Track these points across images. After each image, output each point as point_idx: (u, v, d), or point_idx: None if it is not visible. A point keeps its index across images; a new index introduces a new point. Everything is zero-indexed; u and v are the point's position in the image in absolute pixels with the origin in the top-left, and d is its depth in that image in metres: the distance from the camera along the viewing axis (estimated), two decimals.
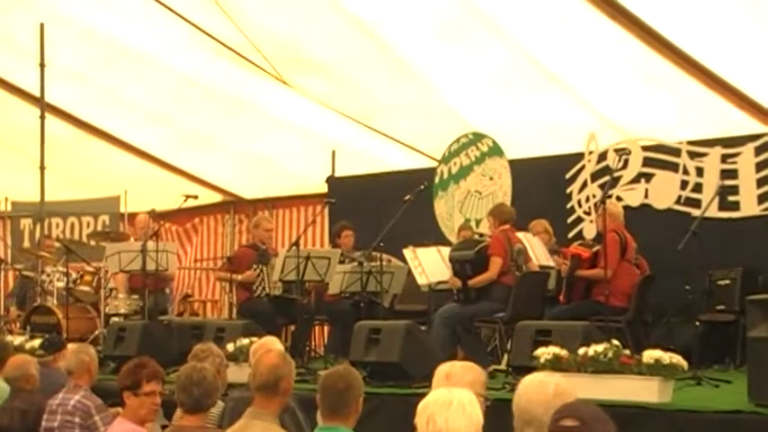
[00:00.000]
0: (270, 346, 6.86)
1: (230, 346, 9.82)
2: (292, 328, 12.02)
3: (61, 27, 13.45)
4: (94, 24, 13.36)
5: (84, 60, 14.15)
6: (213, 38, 12.95)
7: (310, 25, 12.32)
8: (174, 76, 13.98)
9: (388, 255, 11.41)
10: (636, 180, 12.04)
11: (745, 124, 11.49)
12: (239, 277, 11.80)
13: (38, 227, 15.20)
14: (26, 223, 17.03)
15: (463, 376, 5.05)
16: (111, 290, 13.13)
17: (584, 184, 12.47)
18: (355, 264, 11.34)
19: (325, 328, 13.25)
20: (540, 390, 4.41)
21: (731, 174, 11.41)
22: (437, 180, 13.60)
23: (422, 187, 11.45)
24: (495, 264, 10.23)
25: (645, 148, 12.00)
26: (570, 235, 12.09)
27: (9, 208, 17.20)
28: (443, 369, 5.17)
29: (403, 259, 11.43)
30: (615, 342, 7.95)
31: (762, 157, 11.28)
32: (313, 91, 13.54)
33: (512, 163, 12.98)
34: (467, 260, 10.29)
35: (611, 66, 11.48)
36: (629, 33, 10.68)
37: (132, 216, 14.96)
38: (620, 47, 10.95)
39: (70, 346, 8.82)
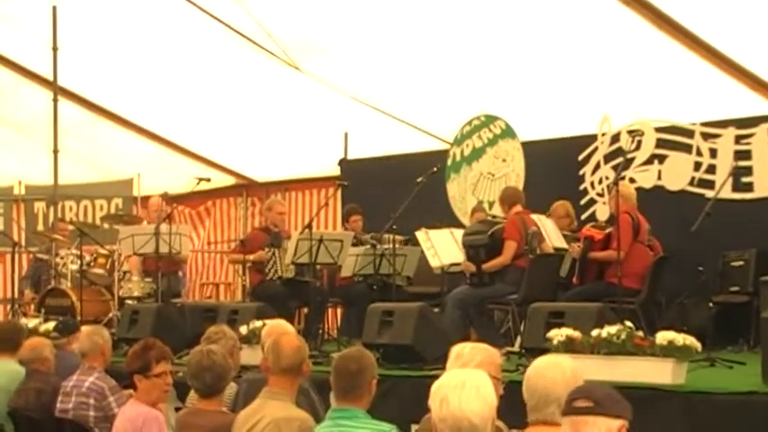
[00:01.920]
0: (284, 329, 6.86)
1: (243, 329, 9.83)
2: (305, 310, 12.04)
3: (73, 10, 13.44)
4: (106, 8, 13.36)
5: (96, 44, 14.16)
6: (225, 24, 12.96)
7: (321, 10, 12.32)
8: (187, 61, 14.00)
9: (400, 236, 11.38)
10: (649, 161, 12.01)
11: (759, 105, 11.45)
12: (252, 257, 11.84)
13: (51, 210, 15.23)
14: (40, 206, 17.06)
15: (472, 357, 5.06)
16: (124, 273, 13.16)
17: (597, 166, 12.45)
18: (368, 246, 11.34)
19: (338, 311, 13.27)
20: (557, 369, 4.44)
21: (745, 155, 11.37)
22: (450, 162, 13.58)
23: (434, 170, 11.44)
24: (510, 247, 10.22)
25: (658, 130, 11.97)
26: (583, 217, 12.07)
27: (23, 191, 17.24)
28: (454, 350, 5.18)
29: (416, 241, 11.43)
30: (628, 324, 7.94)
31: None
32: (324, 75, 13.54)
33: (524, 145, 12.95)
34: (481, 245, 10.28)
35: (623, 49, 11.46)
36: (642, 17, 10.68)
37: (145, 199, 14.97)
38: (632, 31, 10.94)
39: (84, 328, 8.84)
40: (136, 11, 13.37)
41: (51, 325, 10.57)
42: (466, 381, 4.00)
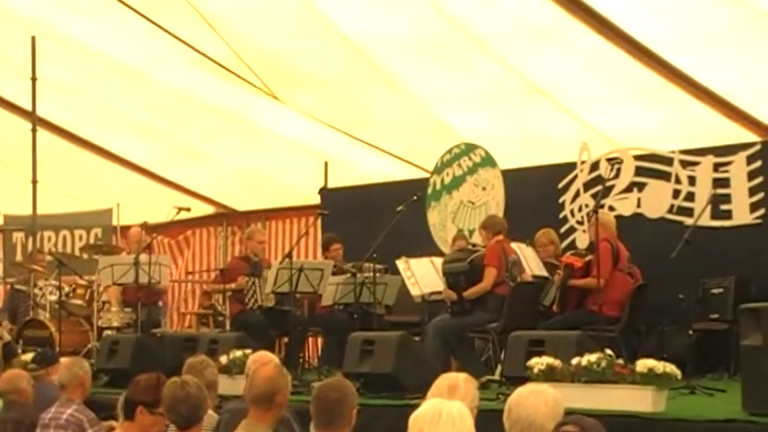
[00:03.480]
0: (266, 359, 6.84)
1: (223, 359, 9.80)
2: (286, 339, 12.01)
3: (52, 42, 13.44)
4: (85, 39, 13.35)
5: (75, 75, 14.15)
6: (204, 55, 12.98)
7: (300, 42, 12.37)
8: (165, 91, 14.01)
9: (379, 265, 11.37)
10: (628, 189, 12.05)
11: (735, 134, 11.52)
12: (233, 285, 11.82)
13: (30, 240, 15.17)
14: (18, 236, 16.98)
15: (467, 391, 5.05)
16: (103, 303, 13.10)
17: (577, 194, 12.47)
18: (348, 275, 11.33)
19: (319, 340, 13.23)
20: (540, 399, 4.43)
21: (723, 182, 11.42)
22: (430, 190, 13.59)
23: (415, 198, 11.46)
24: (490, 274, 10.23)
25: (637, 158, 12.01)
26: (563, 244, 12.07)
27: (1, 221, 17.16)
28: (445, 382, 5.15)
29: (396, 270, 11.42)
30: (609, 352, 7.96)
31: (753, 166, 11.29)
32: (304, 105, 13.57)
33: (504, 173, 12.98)
34: (460, 272, 10.29)
35: (600, 79, 11.54)
36: (620, 48, 10.76)
37: (125, 229, 14.93)
38: (611, 61, 11.01)
39: (64, 359, 8.79)
40: (115, 43, 13.37)
41: (30, 356, 10.51)
42: (442, 412, 3.98)
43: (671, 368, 7.67)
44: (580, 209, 12.40)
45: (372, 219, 12.12)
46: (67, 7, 12.89)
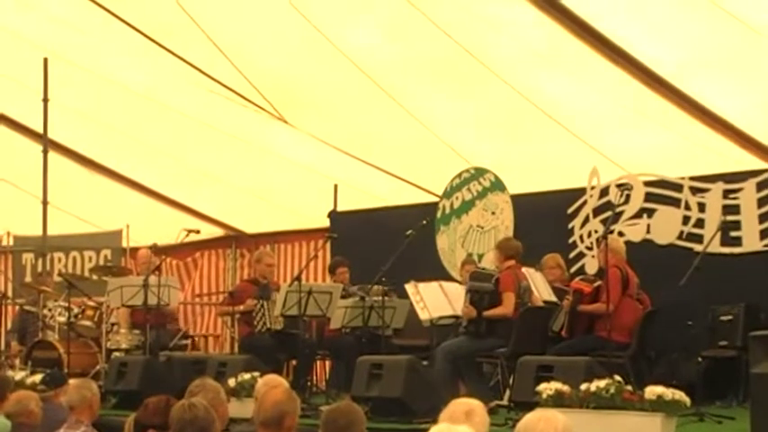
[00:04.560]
0: (276, 383, 6.84)
1: (231, 382, 9.80)
2: (294, 362, 11.99)
3: (64, 65, 13.50)
4: (97, 63, 13.42)
5: (86, 97, 14.21)
6: (214, 79, 13.03)
7: (310, 66, 12.43)
8: (175, 115, 14.04)
9: (384, 287, 11.35)
10: (638, 215, 12.04)
11: (745, 161, 11.52)
12: (241, 307, 11.84)
13: (40, 261, 15.19)
14: (28, 258, 17.00)
15: (483, 417, 5.04)
16: (112, 324, 13.11)
17: (586, 219, 12.47)
18: (357, 298, 11.33)
19: (327, 363, 13.22)
20: (549, 425, 4.43)
21: (733, 209, 11.41)
22: (439, 215, 13.60)
23: (424, 222, 11.47)
24: (510, 299, 10.27)
25: (647, 184, 12.01)
26: (572, 270, 12.07)
27: (11, 242, 17.18)
28: (462, 408, 5.12)
29: (405, 294, 11.42)
30: (617, 378, 7.94)
31: (763, 193, 11.28)
32: (313, 129, 13.60)
33: (513, 198, 12.98)
34: (486, 291, 10.29)
35: (610, 105, 11.56)
36: (628, 74, 10.79)
37: (134, 250, 14.96)
38: (622, 87, 11.03)
39: (72, 381, 8.79)
40: (126, 66, 13.43)
41: (38, 377, 10.52)
42: None
43: (680, 395, 7.65)
44: (589, 234, 12.38)
45: (381, 242, 12.13)
46: (79, 30, 12.95)
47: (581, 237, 12.48)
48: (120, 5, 12.38)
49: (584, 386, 7.90)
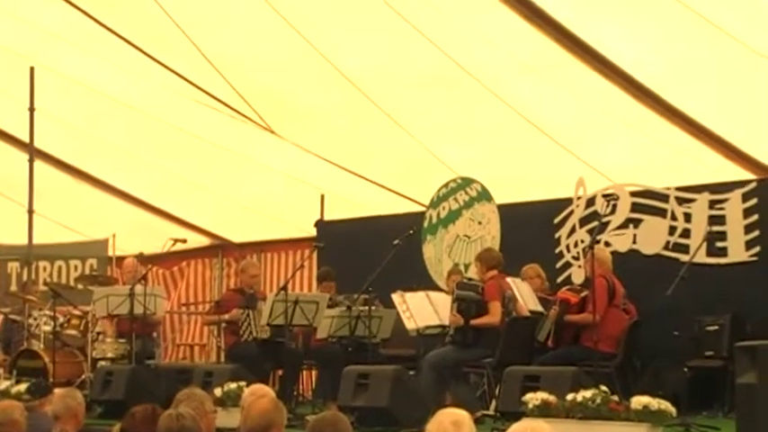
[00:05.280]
0: (262, 392, 6.83)
1: (218, 391, 9.78)
2: (280, 372, 11.97)
3: (50, 75, 13.48)
4: (83, 73, 13.39)
5: (72, 107, 14.18)
6: (201, 89, 13.03)
7: (297, 77, 12.44)
8: (162, 124, 14.02)
9: (375, 298, 11.35)
10: (624, 225, 12.06)
11: (731, 172, 11.56)
12: (226, 316, 11.82)
13: (25, 270, 15.14)
14: (13, 266, 16.96)
15: (470, 426, 5.03)
16: (98, 334, 13.07)
17: (573, 230, 12.49)
18: (344, 308, 11.33)
19: (313, 373, 13.20)
20: None
21: (719, 220, 11.44)
22: (426, 224, 13.60)
23: (410, 232, 11.45)
24: (496, 308, 10.29)
25: (633, 194, 12.04)
26: (559, 280, 12.09)
27: None
28: (449, 418, 5.11)
29: (391, 304, 11.41)
30: (603, 388, 7.96)
31: (749, 204, 11.32)
32: (300, 139, 13.61)
33: (500, 207, 13.00)
34: (473, 300, 10.30)
35: (596, 116, 11.57)
36: (617, 86, 10.82)
37: (120, 260, 14.93)
38: (608, 98, 11.06)
39: (57, 390, 8.76)
40: (112, 75, 13.41)
41: (23, 387, 10.48)
42: None
43: (666, 405, 7.67)
44: (576, 244, 12.40)
45: (368, 252, 12.13)
46: (66, 40, 12.93)
47: (567, 247, 12.50)
48: (108, 15, 12.37)
49: (570, 396, 7.92)
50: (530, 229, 12.58)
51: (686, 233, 11.65)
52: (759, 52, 9.93)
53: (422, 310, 11.08)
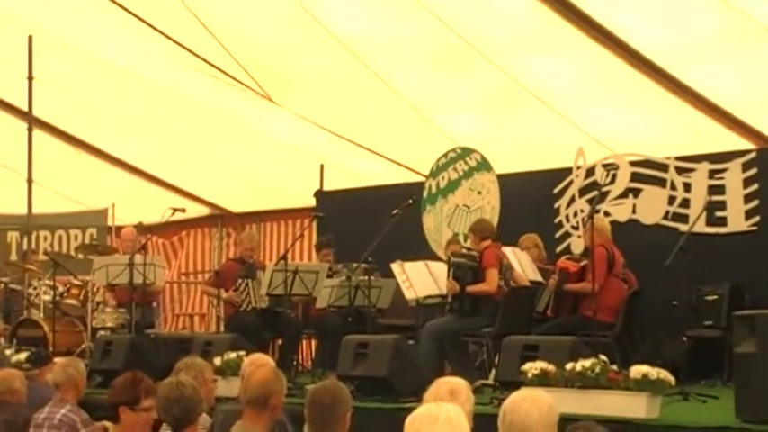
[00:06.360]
0: (262, 362, 6.85)
1: (217, 360, 9.80)
2: (279, 341, 11.99)
3: (49, 43, 13.44)
4: (82, 40, 13.35)
5: (71, 75, 14.14)
6: (201, 57, 12.98)
7: (296, 45, 12.40)
8: (161, 93, 14.00)
9: (373, 268, 11.35)
10: (624, 195, 12.06)
11: (730, 142, 11.55)
12: (224, 296, 11.82)
13: (25, 240, 15.15)
14: (13, 236, 16.94)
15: (468, 396, 5.05)
16: (98, 303, 13.09)
17: (572, 199, 12.48)
18: (343, 278, 11.33)
19: (313, 342, 13.23)
20: (534, 404, 4.45)
21: (718, 189, 11.44)
22: (425, 194, 13.60)
23: (410, 202, 11.44)
24: (493, 275, 10.24)
25: (633, 164, 12.03)
26: (558, 250, 12.10)
27: None
28: (446, 387, 5.14)
29: (391, 274, 11.42)
30: (603, 357, 7.97)
31: (749, 173, 11.32)
32: (300, 108, 13.58)
33: (500, 177, 12.99)
34: (469, 267, 10.29)
35: (596, 85, 11.57)
36: (614, 54, 10.81)
37: (120, 229, 14.93)
38: (608, 68, 11.04)
39: (59, 360, 8.78)
40: (111, 43, 13.37)
41: (23, 356, 10.50)
42: (440, 414, 4.00)
43: (665, 374, 7.68)
44: (575, 214, 12.41)
45: (367, 222, 12.12)
46: (64, 8, 12.88)
47: (567, 216, 12.50)
48: None
49: (569, 366, 7.93)
50: (529, 199, 12.58)
51: (686, 203, 11.66)
52: (760, 23, 9.90)
53: (421, 279, 11.08)
